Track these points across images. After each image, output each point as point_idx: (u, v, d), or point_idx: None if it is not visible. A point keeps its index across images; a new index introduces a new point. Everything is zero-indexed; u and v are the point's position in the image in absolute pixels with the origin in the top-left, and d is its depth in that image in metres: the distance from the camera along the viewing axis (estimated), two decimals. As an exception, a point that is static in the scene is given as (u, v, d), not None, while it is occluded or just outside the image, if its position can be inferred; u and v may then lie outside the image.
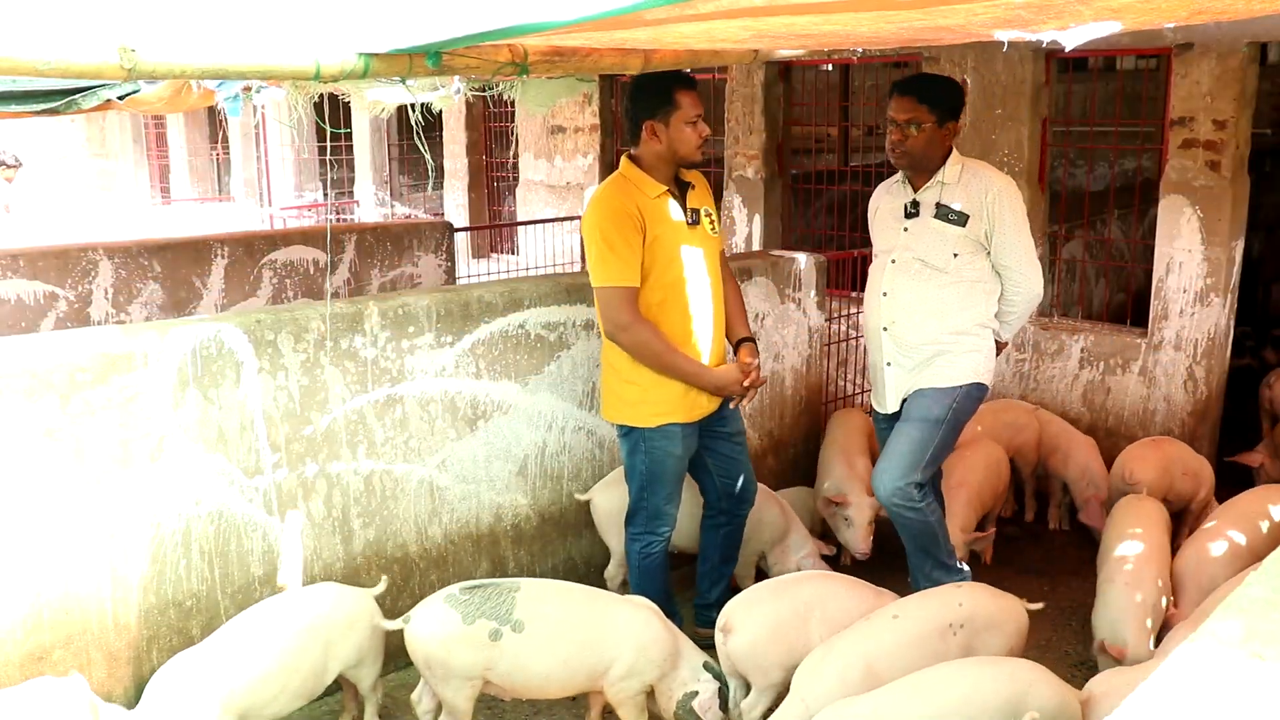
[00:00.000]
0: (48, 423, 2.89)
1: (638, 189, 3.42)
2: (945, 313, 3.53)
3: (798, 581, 3.42)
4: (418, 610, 3.07)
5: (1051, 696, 2.72)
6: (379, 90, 4.10)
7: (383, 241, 6.93)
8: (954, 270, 3.51)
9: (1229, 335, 5.24)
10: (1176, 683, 1.13)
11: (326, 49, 2.50)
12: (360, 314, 3.48)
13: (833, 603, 3.26)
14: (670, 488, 3.56)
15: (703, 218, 3.53)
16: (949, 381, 3.54)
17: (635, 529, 3.62)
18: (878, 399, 3.75)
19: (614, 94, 8.25)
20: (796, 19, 2.24)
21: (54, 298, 5.68)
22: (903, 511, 3.55)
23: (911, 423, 3.55)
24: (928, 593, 3.30)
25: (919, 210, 3.57)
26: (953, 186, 3.51)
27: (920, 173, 3.58)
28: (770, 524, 4.01)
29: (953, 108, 3.55)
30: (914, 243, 3.56)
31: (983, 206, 3.47)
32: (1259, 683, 1.12)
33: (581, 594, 3.25)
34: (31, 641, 2.94)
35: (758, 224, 7.07)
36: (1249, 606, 1.29)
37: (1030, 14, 2.15)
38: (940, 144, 3.52)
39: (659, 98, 3.37)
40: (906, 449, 3.52)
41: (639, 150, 3.47)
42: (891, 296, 3.61)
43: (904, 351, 3.60)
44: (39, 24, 2.42)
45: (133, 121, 14.69)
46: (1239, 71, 4.90)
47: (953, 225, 3.49)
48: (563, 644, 3.05)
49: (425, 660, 3.02)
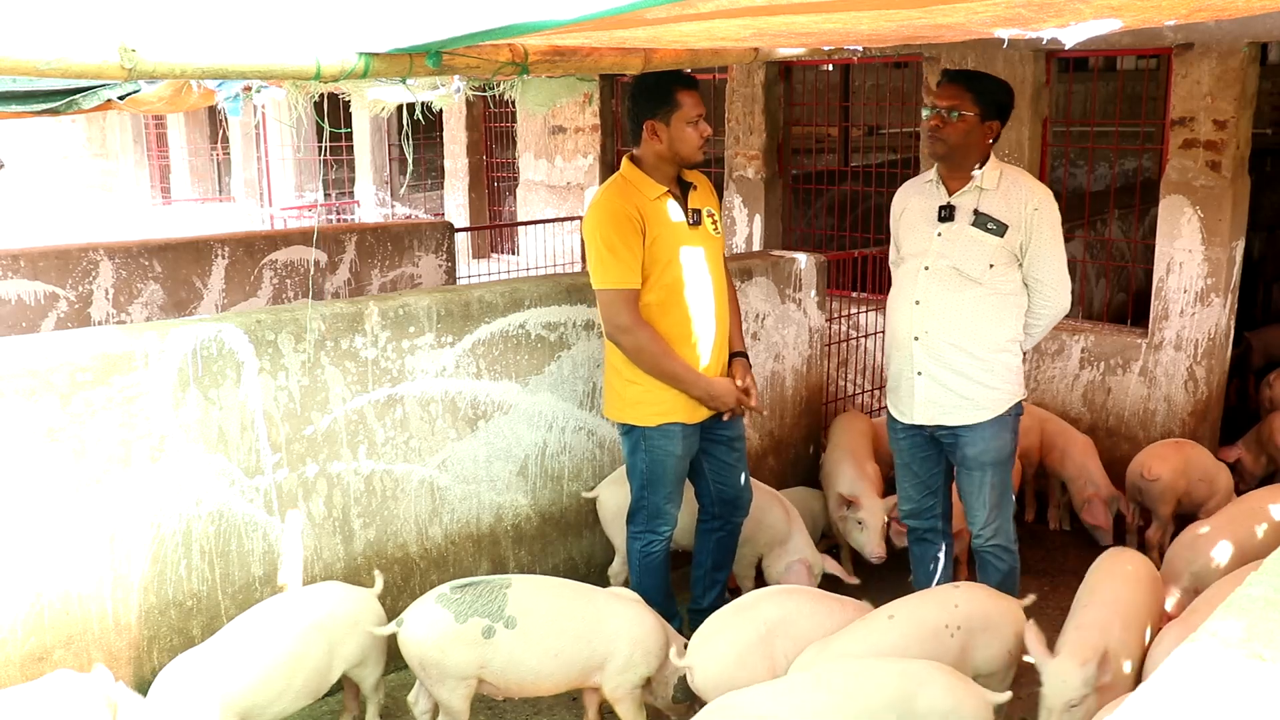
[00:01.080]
0: (49, 423, 2.89)
1: (638, 190, 3.41)
2: (981, 327, 3.37)
3: (757, 602, 3.26)
4: (409, 612, 3.07)
5: (943, 698, 2.65)
6: (379, 90, 4.10)
7: (383, 242, 6.93)
8: (988, 282, 3.35)
9: (1229, 335, 5.23)
10: (1177, 683, 1.13)
11: (327, 49, 2.50)
12: (361, 314, 3.48)
13: (803, 621, 3.17)
14: (670, 487, 3.56)
15: (704, 218, 3.52)
16: (999, 409, 3.40)
17: (636, 527, 3.62)
18: (900, 408, 3.58)
19: (614, 94, 8.25)
20: (797, 18, 2.23)
21: (55, 298, 5.68)
22: (998, 552, 3.49)
23: (986, 468, 3.43)
24: (925, 593, 3.28)
25: (954, 215, 3.39)
26: (992, 193, 3.35)
27: (955, 171, 3.41)
28: (771, 526, 3.99)
29: (999, 106, 3.37)
30: (949, 250, 3.38)
31: (1023, 218, 3.31)
32: (1260, 683, 1.12)
33: (571, 589, 3.25)
34: (32, 641, 2.94)
35: (758, 224, 7.07)
36: (1249, 606, 1.28)
37: (1030, 12, 2.15)
38: (979, 140, 3.35)
39: (660, 97, 3.37)
40: (990, 496, 3.44)
41: (640, 151, 3.47)
42: (925, 305, 3.42)
43: (938, 362, 3.41)
44: (39, 24, 2.42)
45: (133, 122, 14.70)
46: (1239, 71, 4.90)
47: (991, 235, 3.32)
48: (556, 638, 3.06)
49: (420, 662, 3.02)
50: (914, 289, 3.46)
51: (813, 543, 4.04)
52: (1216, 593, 3.21)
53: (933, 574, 3.68)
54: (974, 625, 3.07)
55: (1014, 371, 3.43)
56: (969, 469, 3.47)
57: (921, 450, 3.58)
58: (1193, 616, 3.12)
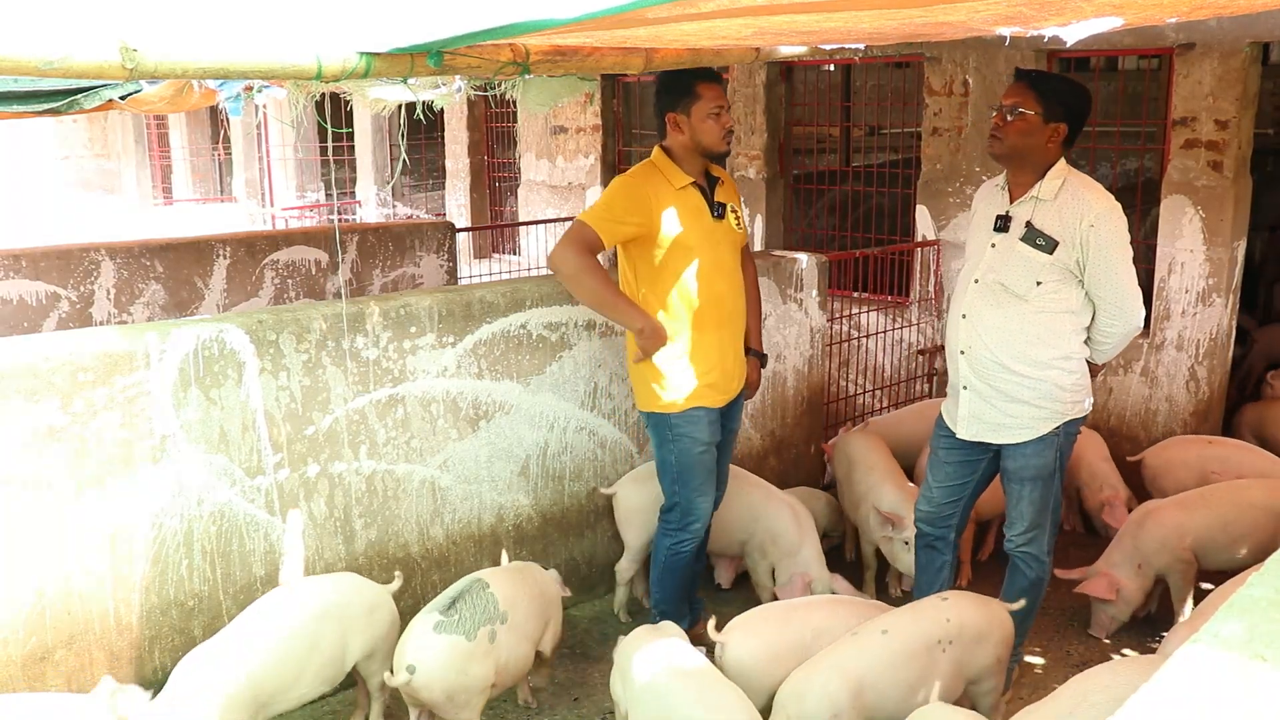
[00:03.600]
0: (50, 423, 2.89)
1: (665, 178, 3.46)
2: (1023, 345, 3.23)
3: (809, 606, 3.34)
4: (411, 657, 2.93)
5: None
6: (381, 89, 4.10)
7: (384, 242, 6.93)
8: (1035, 299, 3.19)
9: (1231, 335, 5.23)
10: (1177, 684, 1.13)
11: (328, 48, 2.50)
12: (362, 314, 3.48)
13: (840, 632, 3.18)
14: (701, 478, 3.55)
15: (728, 213, 3.56)
16: (1043, 429, 3.28)
17: (669, 525, 3.62)
18: (949, 416, 3.50)
19: (615, 94, 8.25)
20: (798, 16, 2.23)
21: (56, 298, 5.68)
22: (1029, 560, 3.43)
23: (1026, 483, 3.35)
24: (917, 606, 3.20)
25: (1008, 227, 3.25)
26: (1048, 204, 3.17)
27: (1018, 176, 3.27)
28: (782, 535, 3.93)
29: (1067, 108, 3.16)
30: (998, 264, 3.25)
31: (1076, 234, 3.13)
32: (1261, 684, 1.12)
33: (520, 571, 3.34)
34: (34, 641, 2.94)
35: (759, 224, 7.07)
36: (1251, 607, 1.28)
37: (1032, 10, 2.14)
38: (1040, 143, 3.17)
39: (680, 89, 3.43)
40: (1028, 510, 3.37)
41: (668, 141, 3.52)
42: (971, 320, 3.32)
43: (982, 379, 3.32)
44: (40, 23, 2.42)
45: (134, 122, 14.72)
46: (1241, 71, 4.90)
47: (1039, 251, 3.16)
48: (533, 620, 3.22)
49: (447, 694, 2.93)
50: (963, 301, 3.37)
51: (823, 557, 3.94)
52: (1222, 594, 3.21)
53: (934, 585, 3.65)
54: (965, 638, 3.04)
55: (1065, 390, 3.25)
56: (1009, 481, 3.42)
57: (959, 455, 3.48)
58: (1199, 618, 3.12)
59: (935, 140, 6.10)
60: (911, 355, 6.20)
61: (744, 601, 3.85)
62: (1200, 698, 1.11)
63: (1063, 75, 3.43)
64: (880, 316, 6.26)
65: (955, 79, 5.94)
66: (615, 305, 3.40)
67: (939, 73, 6.00)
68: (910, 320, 6.23)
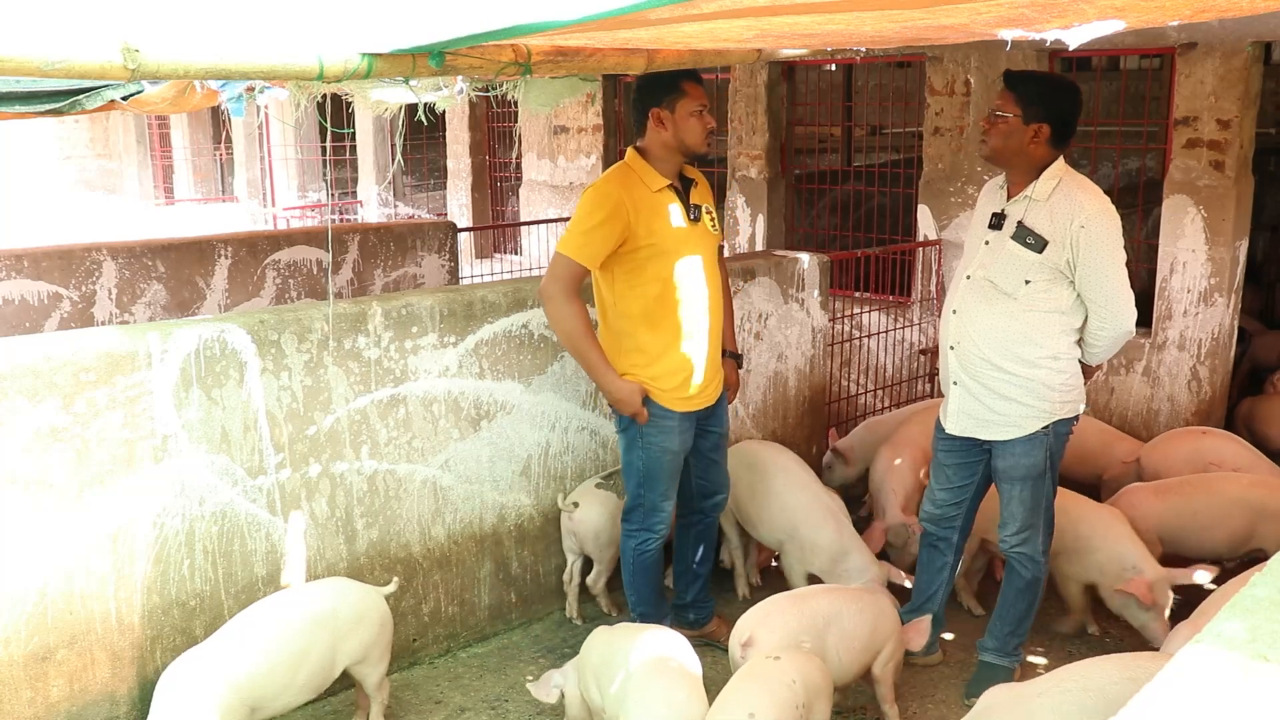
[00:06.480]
0: (51, 423, 2.89)
1: (640, 181, 3.42)
2: (1011, 343, 3.26)
3: (814, 595, 3.34)
4: (579, 496, 3.90)
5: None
6: (382, 90, 4.10)
7: (386, 242, 6.93)
8: (1024, 298, 3.22)
9: (1233, 335, 5.23)
10: (1180, 684, 1.13)
11: (330, 49, 2.50)
12: (363, 314, 3.48)
13: (848, 618, 3.22)
14: (666, 483, 3.56)
15: (704, 215, 3.53)
16: (1031, 427, 3.30)
17: (632, 525, 3.62)
18: (942, 411, 3.54)
19: (617, 94, 8.25)
20: (800, 18, 2.23)
21: (58, 298, 5.69)
22: (1024, 560, 3.44)
23: (1016, 483, 3.37)
24: (765, 680, 2.81)
25: (1002, 225, 3.29)
26: (1040, 204, 3.21)
27: (1011, 176, 3.32)
28: (824, 548, 3.85)
29: (1047, 108, 3.18)
30: (990, 261, 3.29)
31: (1066, 234, 3.15)
32: (1263, 684, 1.12)
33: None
34: (36, 641, 2.94)
35: (761, 224, 7.07)
36: (1253, 607, 1.28)
37: (1034, 13, 2.14)
38: (1022, 144, 3.21)
39: (666, 86, 3.40)
40: (1019, 510, 3.38)
41: (645, 141, 3.47)
42: (960, 315, 3.37)
43: (970, 375, 3.36)
44: (42, 24, 2.42)
45: (136, 122, 14.72)
46: (1243, 71, 4.89)
47: (1029, 250, 3.19)
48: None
49: (595, 534, 3.88)
50: (955, 297, 3.42)
51: (871, 554, 3.86)
52: (1224, 594, 3.21)
53: (935, 583, 3.65)
54: (811, 695, 2.83)
55: (1054, 389, 3.27)
56: (1000, 481, 3.44)
57: (958, 455, 3.50)
58: (1202, 618, 3.12)
59: (937, 140, 6.10)
60: (913, 355, 6.20)
61: (750, 603, 3.84)
62: (1203, 697, 1.11)
63: (1048, 74, 3.44)
64: (882, 316, 6.26)
65: (957, 78, 5.94)
66: (592, 365, 3.41)
67: (941, 72, 6.00)
68: (912, 320, 6.23)
